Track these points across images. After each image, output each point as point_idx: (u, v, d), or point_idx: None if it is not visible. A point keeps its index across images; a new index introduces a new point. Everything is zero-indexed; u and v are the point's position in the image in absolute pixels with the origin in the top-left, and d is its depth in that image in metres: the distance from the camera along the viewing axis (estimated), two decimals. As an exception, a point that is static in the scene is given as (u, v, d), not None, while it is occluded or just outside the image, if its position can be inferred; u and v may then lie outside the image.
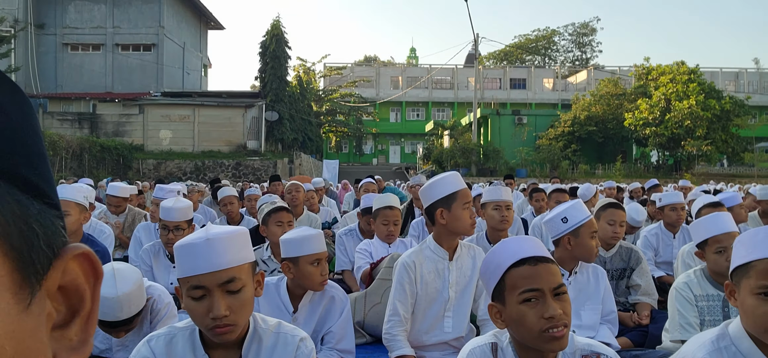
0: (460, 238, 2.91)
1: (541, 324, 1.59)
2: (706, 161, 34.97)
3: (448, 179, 2.83)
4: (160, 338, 1.84)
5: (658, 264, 5.26)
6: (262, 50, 36.04)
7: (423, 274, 2.86)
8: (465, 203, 2.77)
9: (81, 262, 0.48)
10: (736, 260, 1.69)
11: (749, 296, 1.61)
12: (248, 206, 6.99)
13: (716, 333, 1.71)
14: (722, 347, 1.67)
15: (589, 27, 64.63)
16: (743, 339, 1.65)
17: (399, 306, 2.82)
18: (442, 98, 55.92)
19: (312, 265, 2.70)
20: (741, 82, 52.69)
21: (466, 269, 2.92)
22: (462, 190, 2.79)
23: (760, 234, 1.64)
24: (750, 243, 1.65)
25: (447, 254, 2.89)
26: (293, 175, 29.52)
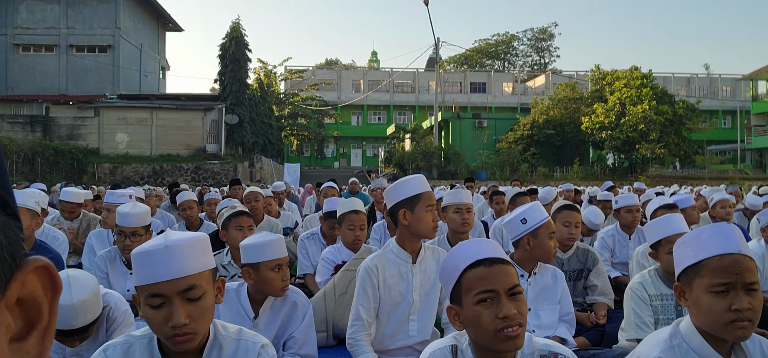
0: (422, 240, 2.92)
1: (496, 324, 1.61)
2: (660, 164, 36.00)
3: (413, 181, 2.84)
4: (116, 347, 1.80)
5: (615, 265, 5.38)
6: (222, 53, 35.59)
7: (386, 278, 2.85)
8: (428, 205, 2.78)
9: (40, 274, 0.47)
10: (683, 260, 1.75)
11: (704, 294, 1.66)
12: (208, 210, 6.90)
13: (669, 332, 1.77)
14: (675, 344, 1.73)
15: (547, 32, 65.80)
16: (694, 336, 1.72)
17: (362, 311, 2.81)
18: (403, 102, 56.15)
19: (273, 271, 2.67)
20: (692, 87, 54.34)
21: (430, 272, 2.92)
22: (426, 192, 2.80)
23: (704, 234, 1.70)
24: (696, 243, 1.71)
25: (410, 257, 2.88)
26: (254, 179, 29.24)
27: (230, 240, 3.91)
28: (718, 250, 1.66)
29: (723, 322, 1.63)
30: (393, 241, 2.93)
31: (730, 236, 1.68)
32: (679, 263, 1.78)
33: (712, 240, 1.68)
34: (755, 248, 4.08)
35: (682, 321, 1.78)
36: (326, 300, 3.64)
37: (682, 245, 1.77)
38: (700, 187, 13.42)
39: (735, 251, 1.65)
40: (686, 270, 1.74)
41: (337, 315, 3.57)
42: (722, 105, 53.90)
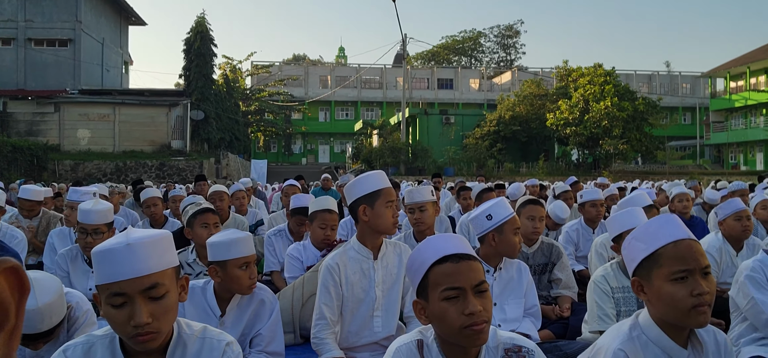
0: (383, 236, 2.90)
1: (461, 321, 1.62)
2: (623, 159, 36.75)
3: (373, 176, 2.83)
4: (77, 347, 1.76)
5: (579, 258, 5.47)
6: (187, 47, 35.08)
7: (348, 275, 2.84)
8: (388, 201, 2.77)
9: (8, 276, 0.47)
10: (637, 254, 1.78)
11: (665, 283, 1.70)
12: (173, 207, 6.80)
13: (629, 324, 1.82)
14: (635, 336, 1.77)
15: (513, 29, 66.47)
16: (652, 328, 1.76)
17: (325, 309, 2.79)
18: (371, 98, 56.15)
19: (240, 268, 2.65)
20: (653, 84, 55.54)
21: (393, 268, 2.92)
22: (386, 188, 2.79)
23: (653, 225, 1.75)
24: (647, 235, 1.76)
25: (371, 253, 2.88)
26: (220, 176, 28.91)
27: (195, 238, 3.86)
28: (670, 237, 1.72)
29: (686, 308, 1.67)
30: (354, 238, 2.92)
31: (677, 225, 1.75)
32: (632, 259, 1.81)
33: (663, 229, 1.74)
34: (713, 241, 4.18)
35: (641, 313, 1.83)
36: (294, 300, 3.62)
37: (633, 240, 1.81)
38: (661, 182, 13.72)
39: (686, 236, 1.72)
40: (642, 263, 1.77)
41: (305, 315, 3.55)
42: (682, 102, 55.22)
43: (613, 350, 1.74)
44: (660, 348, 1.74)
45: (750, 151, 46.54)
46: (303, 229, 4.75)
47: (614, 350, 1.74)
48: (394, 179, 11.99)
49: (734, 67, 46.91)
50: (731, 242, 4.15)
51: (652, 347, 1.74)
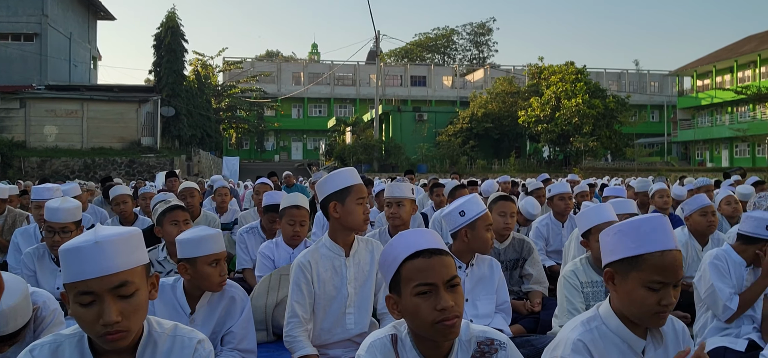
0: (354, 233, 2.89)
1: (434, 316, 1.63)
2: (593, 156, 37.28)
3: (343, 173, 2.83)
4: (44, 346, 1.73)
5: (549, 253, 5.54)
6: (157, 43, 34.55)
7: (319, 273, 2.83)
8: (359, 198, 2.77)
9: None
10: (621, 250, 1.77)
11: (639, 287, 1.72)
12: (143, 204, 6.72)
13: (588, 315, 1.86)
14: (593, 326, 1.81)
15: (485, 27, 66.85)
16: (612, 318, 1.81)
17: (297, 307, 2.78)
18: (344, 95, 56.04)
19: (210, 265, 2.63)
20: (623, 83, 56.39)
21: (365, 264, 2.92)
22: (356, 185, 2.78)
23: (645, 226, 1.75)
24: (636, 235, 1.75)
25: (343, 250, 2.87)
26: (192, 173, 28.59)
27: (166, 235, 3.82)
28: (659, 245, 1.72)
29: (650, 313, 1.72)
30: (326, 235, 2.90)
31: (668, 231, 1.75)
32: (614, 251, 1.80)
33: (653, 235, 1.72)
34: (679, 236, 4.27)
35: (602, 305, 1.86)
36: (268, 299, 3.61)
37: (620, 233, 1.79)
38: (630, 178, 13.96)
39: (673, 247, 1.73)
40: (624, 260, 1.77)
41: (278, 313, 3.54)
42: (651, 100, 56.19)
43: (573, 341, 1.78)
44: (620, 338, 1.78)
45: (716, 148, 47.58)
46: (275, 226, 4.73)
47: (573, 340, 1.78)
48: (367, 176, 12.01)
49: (701, 66, 47.91)
50: (697, 237, 4.25)
51: (611, 337, 1.79)
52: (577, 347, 1.76)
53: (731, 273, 3.09)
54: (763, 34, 45.08)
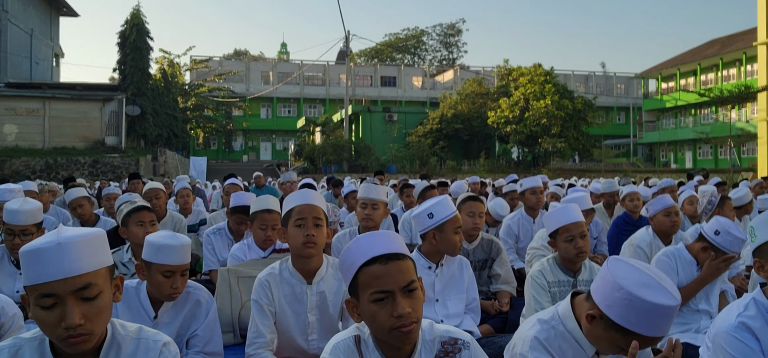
0: (309, 258, 2.70)
1: (391, 322, 1.63)
2: (561, 157, 37.80)
3: (291, 196, 2.75)
4: (2, 351, 1.69)
5: (520, 250, 5.56)
6: (121, 40, 33.98)
7: (279, 297, 2.71)
8: (298, 219, 2.65)
9: None
10: (619, 316, 1.68)
11: (614, 347, 1.73)
12: (107, 205, 6.59)
13: (547, 314, 1.90)
14: (551, 325, 1.87)
15: (455, 28, 67.25)
16: (569, 320, 1.86)
17: (263, 329, 2.65)
18: (313, 95, 55.82)
19: (162, 275, 2.55)
20: (590, 85, 57.31)
21: (329, 293, 2.75)
22: (296, 207, 2.68)
23: (655, 313, 1.63)
24: (642, 317, 1.65)
25: (303, 278, 2.73)
26: (158, 173, 28.17)
27: (131, 236, 3.75)
28: (652, 333, 1.66)
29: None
30: (289, 259, 2.78)
31: (668, 322, 1.66)
32: (610, 307, 1.69)
33: (656, 323, 1.63)
34: (644, 236, 4.36)
35: (561, 305, 1.91)
36: (232, 302, 3.56)
37: (630, 306, 1.65)
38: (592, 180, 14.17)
39: (664, 334, 1.71)
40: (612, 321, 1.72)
41: (245, 315, 3.49)
42: (617, 102, 57.20)
43: (531, 338, 1.84)
44: (574, 339, 1.84)
45: (680, 149, 48.66)
46: (243, 227, 4.68)
47: (532, 337, 1.84)
48: (337, 177, 11.98)
49: (665, 69, 48.94)
50: (661, 237, 4.34)
51: (567, 337, 1.84)
52: (535, 344, 1.82)
53: (679, 271, 3.18)
54: (725, 39, 46.26)
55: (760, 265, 1.99)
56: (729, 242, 3.10)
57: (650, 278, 1.64)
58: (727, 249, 3.10)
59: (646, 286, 1.62)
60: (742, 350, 1.90)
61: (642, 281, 1.64)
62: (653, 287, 1.62)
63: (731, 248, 3.10)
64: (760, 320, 1.93)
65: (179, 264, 2.58)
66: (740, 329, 1.92)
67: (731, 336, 1.92)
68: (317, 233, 2.66)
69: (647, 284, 1.63)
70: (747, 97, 33.94)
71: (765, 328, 1.93)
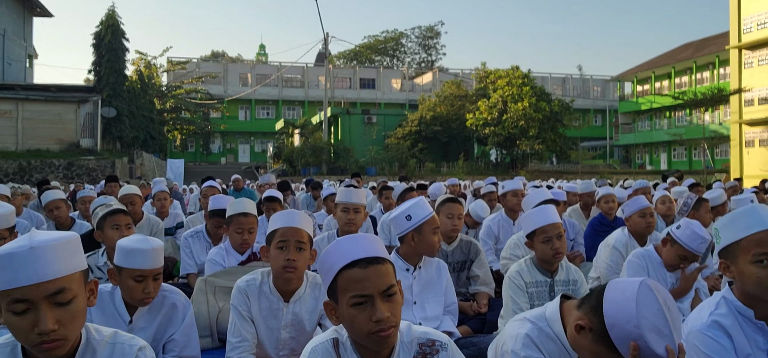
0: (289, 280, 2.70)
1: (370, 327, 1.63)
2: (539, 159, 38.13)
3: (275, 217, 2.74)
4: (-28, 358, 1.65)
5: (499, 251, 5.58)
6: (97, 41, 33.60)
7: (255, 310, 2.72)
8: (280, 241, 2.64)
9: None
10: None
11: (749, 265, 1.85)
12: (81, 208, 6.50)
13: (534, 313, 1.92)
14: (540, 326, 1.88)
15: (433, 30, 67.48)
16: (556, 323, 1.87)
17: (244, 333, 2.67)
18: (292, 97, 55.61)
19: (133, 280, 2.51)
20: (567, 87, 57.87)
21: (305, 312, 2.76)
22: (278, 229, 2.67)
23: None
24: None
25: (281, 296, 2.73)
26: (134, 176, 27.84)
27: (106, 240, 3.70)
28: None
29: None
30: (270, 274, 2.77)
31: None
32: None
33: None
34: (619, 237, 4.41)
35: (549, 307, 1.92)
36: (210, 307, 3.53)
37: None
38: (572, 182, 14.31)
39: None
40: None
41: (223, 319, 3.46)
42: (594, 104, 57.83)
43: (523, 335, 1.85)
44: (560, 342, 1.86)
45: (655, 151, 49.36)
46: (221, 231, 4.64)
47: (523, 334, 1.85)
48: (316, 179, 11.96)
49: (640, 72, 49.62)
50: (636, 238, 4.39)
51: (553, 339, 1.86)
52: (527, 342, 1.83)
53: (650, 272, 3.23)
54: (699, 42, 47.04)
55: (725, 265, 2.03)
56: (688, 237, 3.13)
57: (668, 326, 1.61)
58: (686, 244, 3.14)
59: (659, 333, 1.60)
60: (716, 348, 1.93)
61: (658, 328, 1.61)
62: (664, 336, 1.60)
63: (690, 244, 3.13)
64: (731, 318, 1.97)
65: (150, 269, 2.53)
66: (713, 328, 1.96)
67: (704, 335, 1.95)
68: (298, 256, 2.65)
69: (661, 332, 1.60)
70: (720, 99, 34.61)
71: (736, 326, 1.97)
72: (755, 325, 1.97)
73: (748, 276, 1.94)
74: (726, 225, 2.02)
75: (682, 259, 3.20)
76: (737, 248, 1.97)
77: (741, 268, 1.96)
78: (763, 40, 30.89)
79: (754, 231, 1.94)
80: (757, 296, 1.95)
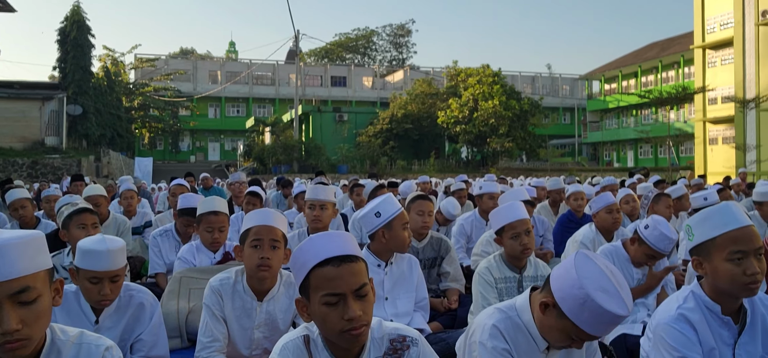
0: (263, 279, 2.69)
1: (341, 325, 1.64)
2: (509, 157, 38.52)
3: (249, 216, 2.73)
4: (-66, 360, 1.62)
5: (469, 250, 5.64)
6: (61, 37, 32.90)
7: (228, 310, 2.70)
8: (254, 240, 2.64)
9: None
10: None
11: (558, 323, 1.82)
12: (46, 208, 6.37)
13: (504, 305, 1.95)
14: (509, 315, 1.92)
15: (404, 28, 67.55)
16: (525, 312, 1.91)
17: (216, 332, 2.66)
18: (263, 94, 55.18)
19: (89, 282, 2.46)
20: (536, 86, 58.48)
21: (279, 311, 2.75)
22: (252, 227, 2.66)
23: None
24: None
25: (254, 295, 2.72)
26: (101, 175, 27.35)
27: (72, 239, 3.63)
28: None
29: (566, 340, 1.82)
30: (245, 274, 2.75)
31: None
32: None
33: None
34: (587, 233, 4.48)
35: (520, 298, 1.95)
36: (179, 307, 3.50)
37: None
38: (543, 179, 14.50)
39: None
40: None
41: (192, 319, 3.43)
42: (562, 102, 58.57)
43: (490, 326, 1.88)
44: (528, 331, 1.90)
45: (622, 149, 50.22)
46: (191, 230, 4.59)
47: (490, 327, 1.88)
48: (287, 177, 11.90)
49: (608, 71, 50.42)
50: (603, 234, 4.47)
51: (522, 328, 1.90)
52: (494, 332, 1.86)
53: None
54: (664, 42, 47.97)
55: (698, 262, 2.06)
56: (655, 237, 3.18)
57: (611, 284, 1.70)
58: (653, 245, 3.18)
59: (605, 291, 1.68)
60: (682, 340, 1.98)
61: (602, 286, 1.69)
62: (611, 293, 1.67)
63: (657, 244, 3.18)
64: (699, 313, 2.02)
65: (106, 271, 2.46)
66: (680, 321, 2.00)
67: (671, 327, 2.00)
68: (273, 255, 2.64)
69: (606, 289, 1.68)
70: (684, 98, 35.27)
71: (703, 320, 2.01)
72: (721, 320, 2.02)
73: (722, 273, 1.97)
74: (700, 223, 2.05)
75: (650, 258, 3.25)
76: (712, 245, 2.00)
77: (715, 265, 1.99)
78: (726, 40, 31.60)
79: (729, 229, 1.97)
80: (728, 292, 2.00)
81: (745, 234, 1.97)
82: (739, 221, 1.98)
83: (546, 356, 1.90)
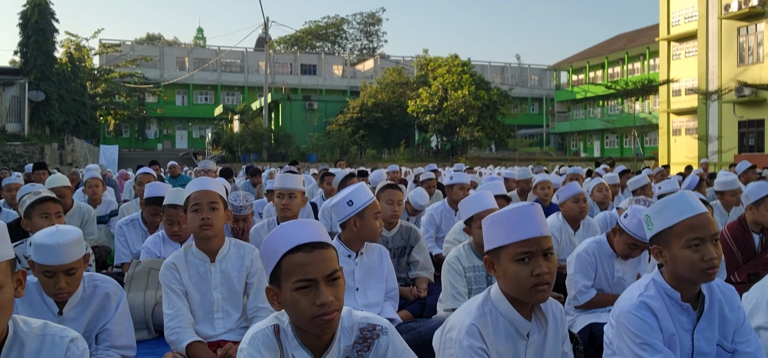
0: (207, 240, 2.92)
1: (313, 311, 1.64)
2: (478, 146, 38.80)
3: (188, 186, 2.97)
4: None
5: (439, 239, 5.67)
6: (23, 21, 32.00)
7: (185, 278, 2.89)
8: (194, 205, 2.87)
9: None
10: (493, 240, 1.92)
11: (511, 263, 1.86)
12: (8, 196, 6.21)
13: (481, 299, 1.96)
14: (486, 310, 1.92)
15: (375, 17, 67.35)
16: (502, 301, 1.93)
17: (179, 303, 2.84)
18: (231, 82, 54.54)
19: (44, 275, 2.42)
20: (505, 76, 58.90)
21: (232, 269, 2.96)
22: (191, 195, 2.90)
23: (513, 216, 1.88)
24: (506, 225, 1.89)
25: (207, 256, 2.93)
26: (65, 163, 26.78)
27: (34, 229, 3.55)
28: (524, 234, 1.85)
29: (527, 286, 1.84)
30: (193, 243, 2.99)
31: (532, 218, 1.88)
32: (488, 240, 1.95)
33: (519, 225, 1.87)
34: (554, 222, 4.55)
35: (492, 289, 1.97)
36: (146, 299, 3.46)
37: (493, 225, 1.94)
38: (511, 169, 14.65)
39: (538, 233, 1.86)
40: (496, 249, 1.92)
41: (158, 310, 3.41)
42: (531, 93, 59.10)
43: (468, 325, 1.87)
44: (508, 321, 1.91)
45: (589, 139, 50.93)
46: (157, 219, 4.53)
47: (468, 325, 1.87)
48: (256, 166, 11.81)
49: (576, 62, 51.01)
50: (570, 222, 4.54)
51: (502, 320, 1.91)
52: (471, 330, 1.86)
53: (599, 266, 3.28)
54: (631, 34, 48.68)
55: (658, 251, 2.11)
56: (635, 226, 3.23)
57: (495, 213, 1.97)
58: (633, 233, 3.23)
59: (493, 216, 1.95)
60: (643, 327, 2.02)
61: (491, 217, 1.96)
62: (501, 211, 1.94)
63: (637, 233, 3.23)
64: (659, 300, 2.07)
65: (59, 265, 2.38)
66: (641, 308, 2.04)
67: (633, 315, 2.04)
68: (213, 216, 2.85)
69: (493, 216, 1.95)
70: (650, 90, 35.94)
71: (663, 308, 2.06)
72: (681, 306, 2.07)
73: (681, 260, 2.01)
74: (658, 212, 2.09)
75: (632, 247, 3.24)
76: (670, 233, 2.04)
77: (674, 252, 2.03)
78: (690, 33, 32.15)
79: (686, 217, 2.01)
80: (687, 279, 2.05)
81: (701, 221, 2.01)
82: (696, 209, 2.02)
83: (526, 340, 1.93)
